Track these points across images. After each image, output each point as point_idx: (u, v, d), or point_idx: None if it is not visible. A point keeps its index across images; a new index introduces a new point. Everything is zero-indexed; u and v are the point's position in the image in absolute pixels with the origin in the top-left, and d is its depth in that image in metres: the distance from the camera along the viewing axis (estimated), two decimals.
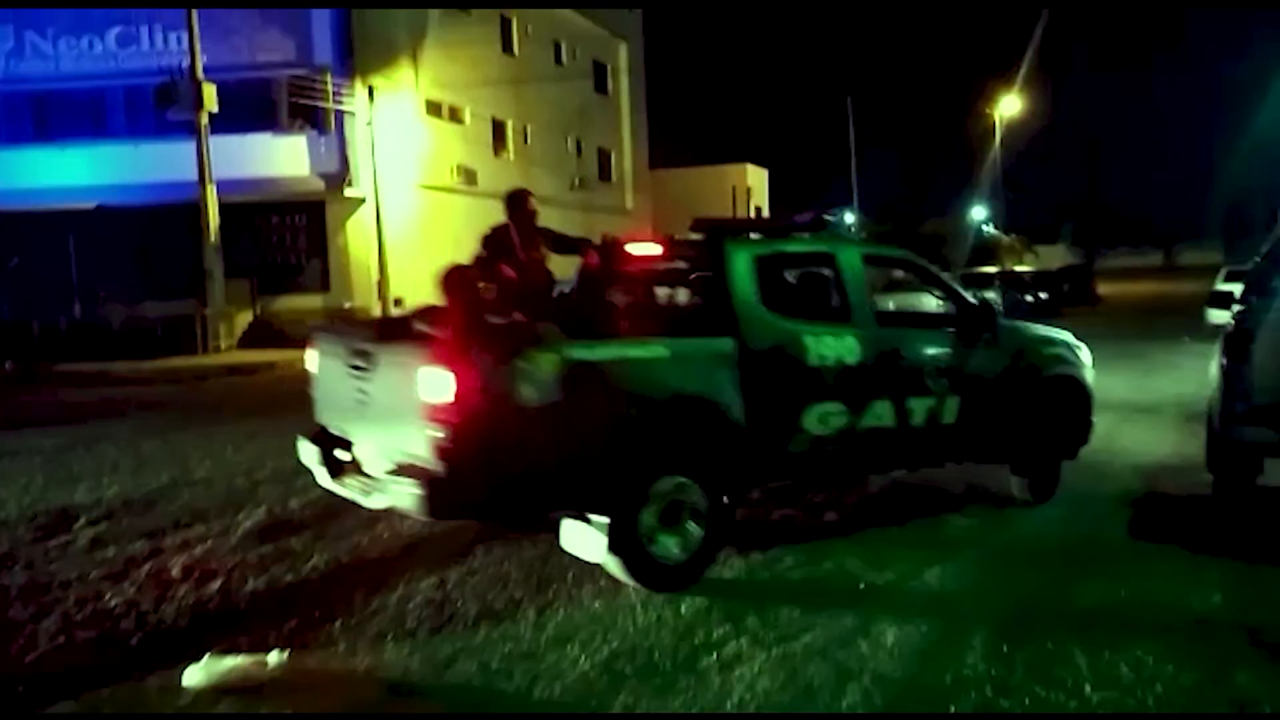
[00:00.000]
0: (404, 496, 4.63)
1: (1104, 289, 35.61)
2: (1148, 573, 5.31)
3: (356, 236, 24.82)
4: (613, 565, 4.88)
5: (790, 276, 6.27)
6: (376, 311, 24.28)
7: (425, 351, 4.59)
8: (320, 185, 24.24)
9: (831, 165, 42.38)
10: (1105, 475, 7.40)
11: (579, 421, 4.73)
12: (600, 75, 36.92)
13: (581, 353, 4.78)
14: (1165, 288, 38.18)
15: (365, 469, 5.24)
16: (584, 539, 4.78)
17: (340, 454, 5.44)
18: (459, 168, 27.71)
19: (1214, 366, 6.71)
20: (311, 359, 5.79)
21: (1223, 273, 22.03)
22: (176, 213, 22.32)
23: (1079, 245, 60.29)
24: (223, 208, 22.17)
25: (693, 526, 5.05)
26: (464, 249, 22.80)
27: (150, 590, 5.04)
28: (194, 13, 21.03)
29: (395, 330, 5.39)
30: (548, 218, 26.58)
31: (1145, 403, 10.90)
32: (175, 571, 5.34)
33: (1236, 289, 8.09)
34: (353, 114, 24.14)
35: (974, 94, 45.38)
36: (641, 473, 4.94)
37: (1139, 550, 5.79)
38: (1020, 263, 39.59)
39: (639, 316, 5.52)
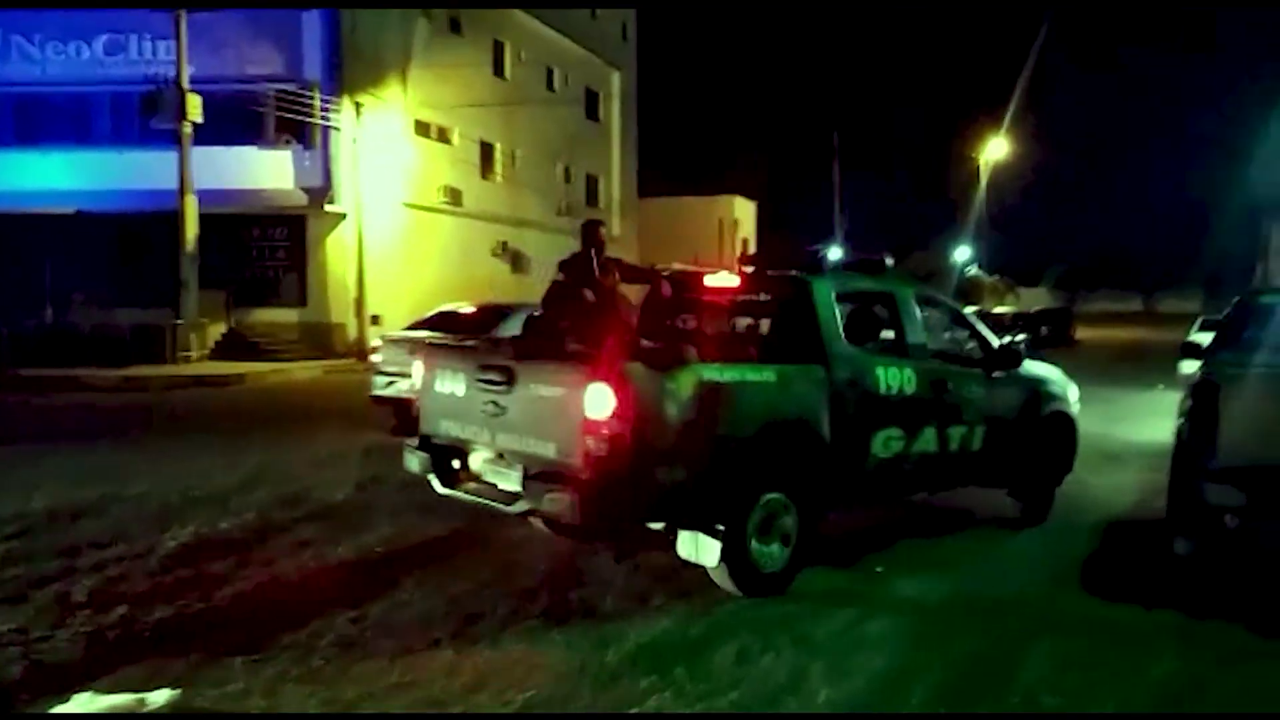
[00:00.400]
0: (553, 502, 5.02)
1: (1083, 333, 35.65)
2: (1101, 632, 5.10)
3: (336, 252, 24.60)
4: (720, 573, 5.31)
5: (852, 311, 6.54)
6: (353, 328, 24.08)
7: (586, 368, 4.99)
8: (303, 199, 24.04)
9: (817, 199, 42.38)
10: (1065, 530, 7.22)
11: (708, 437, 5.17)
12: (592, 102, 36.91)
13: (713, 374, 5.26)
14: (1143, 334, 38.26)
15: (484, 477, 5.68)
16: (701, 547, 5.21)
17: (455, 463, 5.84)
18: (445, 188, 27.57)
19: (1178, 421, 6.53)
20: (422, 373, 6.14)
21: (1197, 322, 22.04)
22: (156, 221, 22.10)
23: (1062, 289, 60.53)
24: (203, 218, 21.94)
25: (785, 541, 5.51)
26: (448, 268, 22.71)
27: (47, 615, 4.78)
28: (183, 22, 20.92)
29: (530, 349, 5.78)
30: (532, 240, 26.30)
31: (1111, 449, 10.70)
32: (80, 595, 5.08)
33: (1205, 338, 7.97)
34: (339, 130, 24.00)
35: (962, 131, 45.54)
36: (752, 487, 5.39)
37: (1094, 612, 5.56)
38: (1002, 303, 39.71)
39: (728, 344, 6.13)
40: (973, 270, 46.50)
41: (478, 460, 5.74)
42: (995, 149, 43.47)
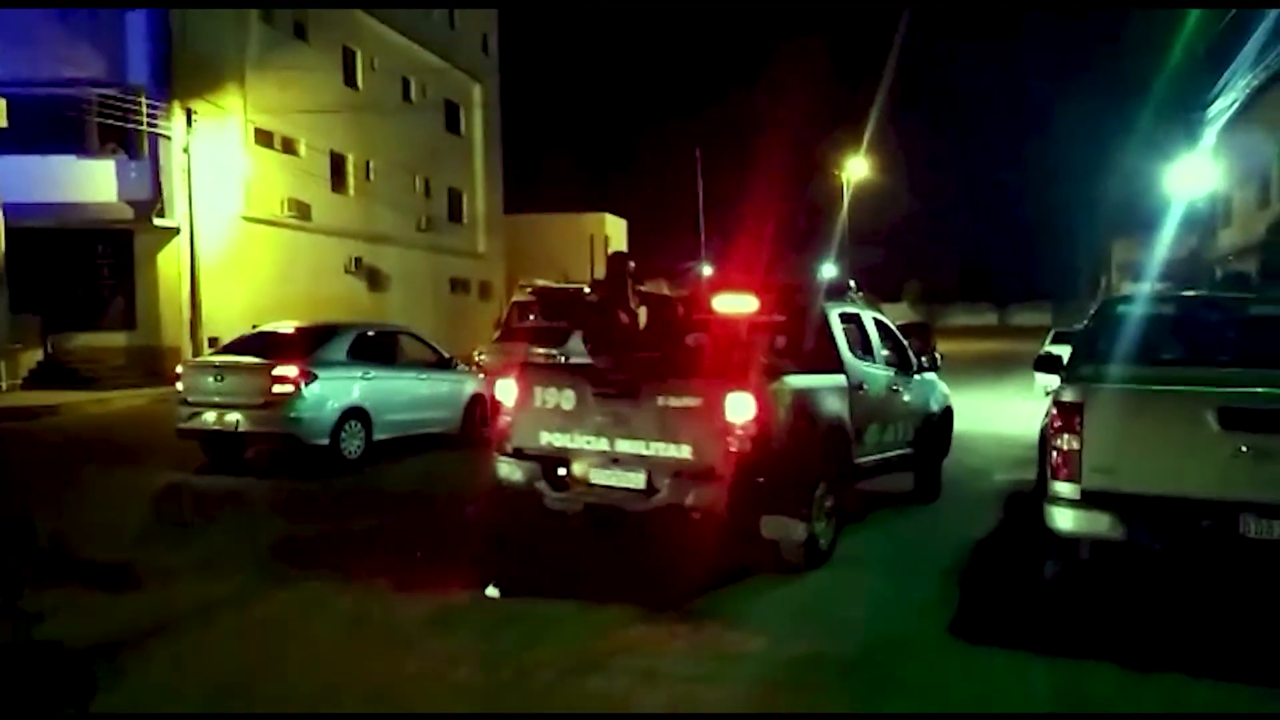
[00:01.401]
0: (700, 496, 5.92)
1: (943, 346, 36.31)
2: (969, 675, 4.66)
3: (168, 270, 22.74)
4: (791, 550, 6.26)
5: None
6: (188, 352, 22.27)
7: (726, 381, 5.97)
8: (129, 213, 22.14)
9: (684, 215, 42.24)
10: (920, 556, 7.11)
11: (801, 436, 6.32)
12: (453, 115, 35.76)
13: (798, 382, 6.46)
14: (999, 346, 39.44)
15: (592, 480, 6.39)
16: (790, 529, 6.16)
17: (560, 470, 6.49)
18: (291, 200, 25.99)
19: (1041, 442, 6.10)
20: (514, 390, 6.66)
21: (1050, 334, 22.52)
22: None
23: (922, 303, 62.36)
24: (13, 234, 19.97)
25: (829, 520, 6.65)
26: (296, 286, 20.91)
27: None
28: None
29: (648, 366, 6.75)
30: (390, 256, 24.71)
31: (974, 466, 10.74)
32: None
33: (1064, 351, 7.64)
34: (169, 138, 22.24)
35: (823, 149, 46.16)
36: (818, 476, 6.52)
37: (961, 656, 5.08)
38: None
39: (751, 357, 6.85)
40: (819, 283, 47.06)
41: (582, 467, 6.43)
42: (857, 167, 44.30)
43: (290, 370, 9.68)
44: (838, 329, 7.41)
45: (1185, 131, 22.96)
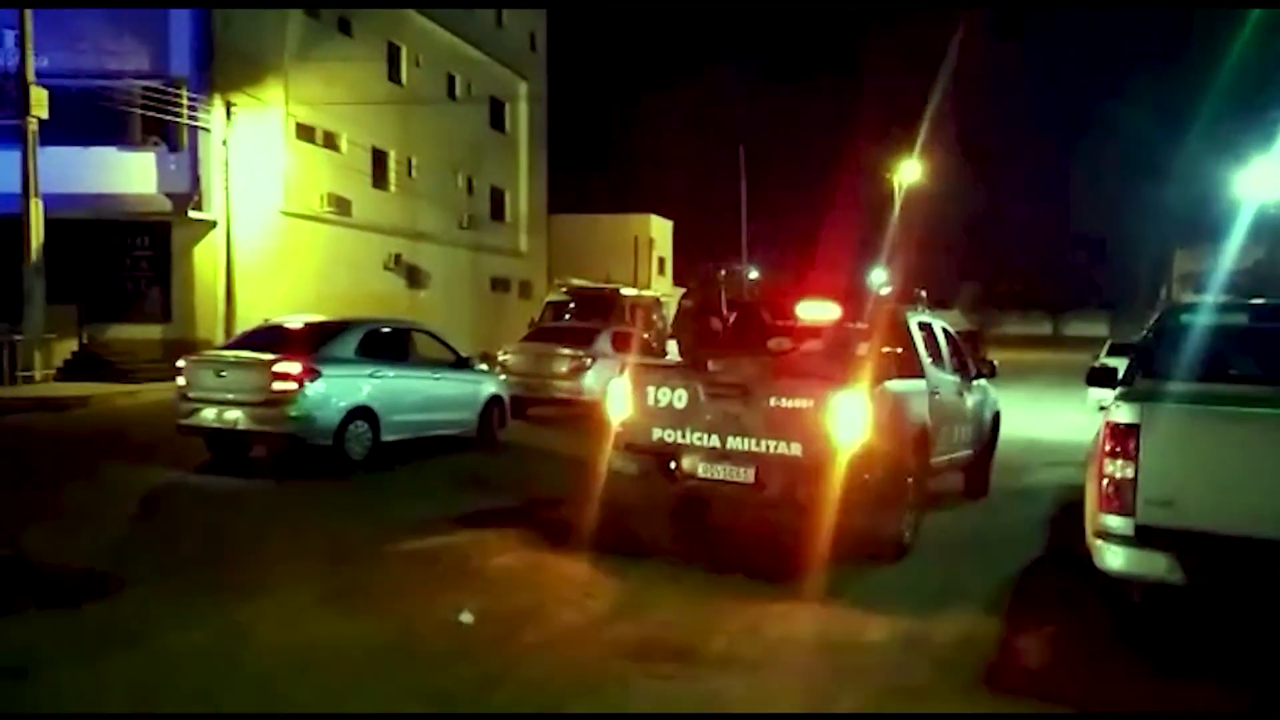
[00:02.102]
0: (807, 490, 6.39)
1: (993, 356, 35.13)
2: None
3: (205, 263, 22.68)
4: (889, 545, 6.91)
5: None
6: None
7: (835, 384, 6.48)
8: (167, 205, 22.10)
9: (730, 217, 41.47)
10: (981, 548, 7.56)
11: (897, 437, 6.91)
12: (497, 112, 35.46)
13: (896, 387, 7.13)
14: (1053, 356, 38.12)
15: (700, 474, 6.82)
16: (886, 523, 6.80)
17: (671, 464, 6.93)
18: (331, 196, 25.81)
19: (1090, 467, 5.38)
20: (628, 390, 7.10)
21: (1106, 346, 21.49)
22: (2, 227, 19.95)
23: (974, 311, 60.75)
24: (53, 224, 19.92)
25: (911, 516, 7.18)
26: (334, 282, 20.66)
27: None
28: (27, 11, 18.94)
29: (760, 369, 7.40)
30: (430, 254, 24.54)
31: (1024, 487, 10.48)
32: None
33: (1120, 364, 6.91)
34: (208, 131, 22.16)
35: (876, 151, 45.05)
36: (907, 476, 7.04)
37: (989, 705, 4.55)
38: None
39: (830, 362, 7.41)
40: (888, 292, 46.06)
41: (692, 462, 6.83)
42: (909, 170, 43.18)
43: (293, 367, 9.26)
44: (918, 336, 8.02)
45: (1260, 131, 21.74)
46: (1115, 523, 4.74)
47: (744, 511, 7.57)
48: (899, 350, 7.68)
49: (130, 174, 22.12)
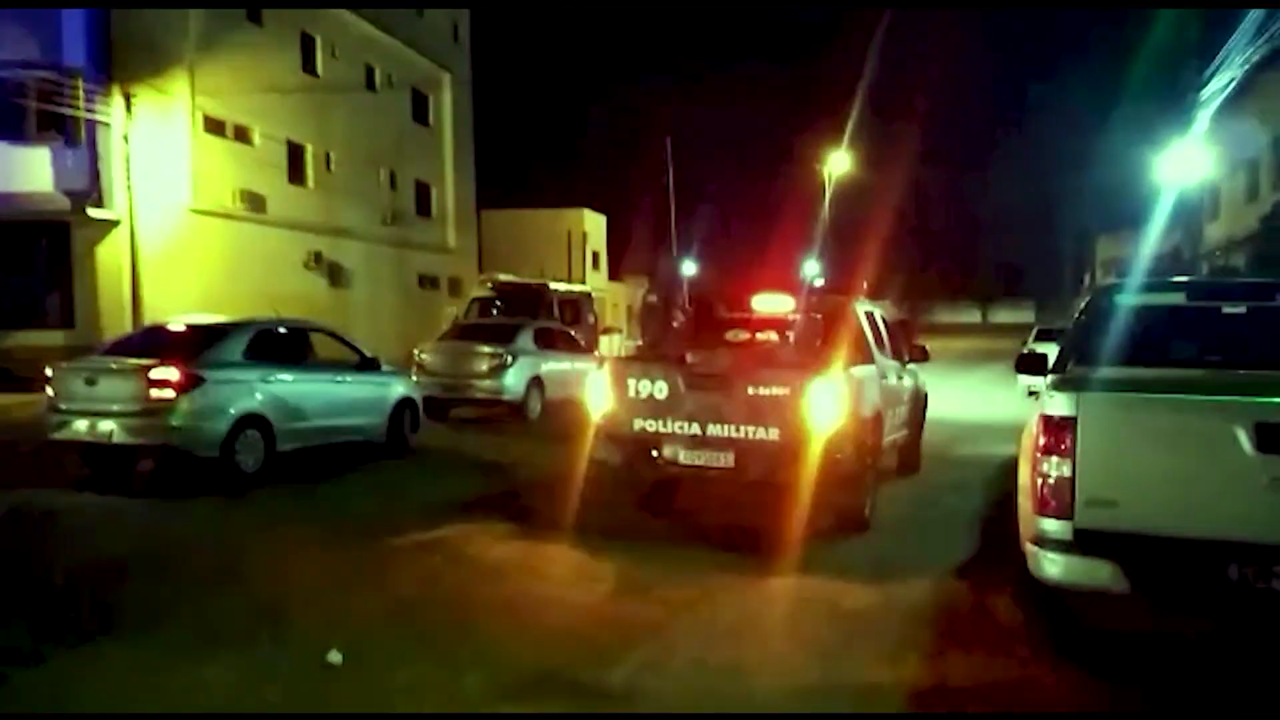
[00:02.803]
0: (784, 472, 6.87)
1: (927, 344, 35.23)
2: None
3: (109, 264, 21.50)
4: (857, 519, 7.47)
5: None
6: None
7: (809, 372, 6.99)
8: (66, 204, 20.88)
9: (663, 211, 40.92)
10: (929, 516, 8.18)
11: (861, 419, 7.43)
12: (420, 105, 34.48)
13: (859, 373, 7.64)
14: (983, 344, 38.48)
15: (681, 460, 7.23)
16: (856, 499, 7.41)
17: (654, 452, 7.30)
18: (243, 192, 24.74)
19: (1022, 464, 4.91)
20: (609, 382, 7.47)
21: (1034, 332, 21.48)
22: None
23: (904, 300, 61.16)
24: None
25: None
26: (249, 281, 19.66)
27: None
28: None
29: (734, 361, 7.65)
30: (352, 251, 23.93)
31: (952, 460, 11.00)
32: None
33: (1049, 350, 6.52)
34: (108, 125, 20.97)
35: (804, 143, 44.91)
36: (870, 454, 7.73)
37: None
38: None
39: (786, 351, 7.97)
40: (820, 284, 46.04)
41: (673, 449, 7.22)
42: (838, 162, 43.13)
43: (171, 373, 8.45)
44: (866, 326, 8.58)
45: (1178, 115, 21.88)
46: (1052, 527, 4.30)
47: (712, 494, 8.23)
48: (849, 338, 8.10)
49: (24, 171, 20.82)
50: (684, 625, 5.31)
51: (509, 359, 14.19)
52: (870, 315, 8.97)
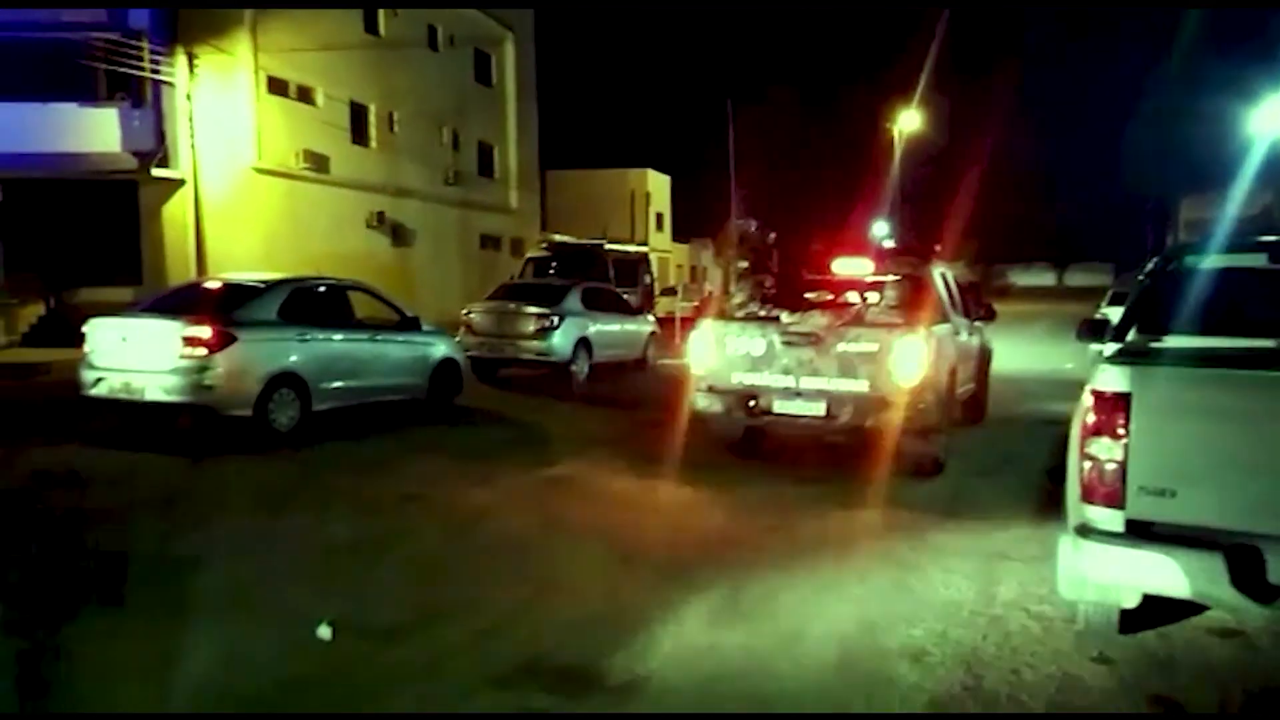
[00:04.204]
0: (879, 419, 7.63)
1: (997, 307, 34.11)
2: None
3: (174, 222, 21.84)
4: (933, 463, 8.10)
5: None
6: None
7: (899, 329, 7.87)
8: (132, 163, 21.23)
9: (725, 170, 40.11)
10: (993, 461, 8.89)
11: (940, 372, 8.12)
12: (483, 65, 34.23)
13: (939, 330, 8.31)
14: (1056, 307, 37.07)
15: (775, 409, 8.03)
16: (933, 445, 8.01)
17: (751, 402, 8.11)
18: (307, 152, 24.83)
19: (1071, 443, 4.41)
20: (709, 339, 8.35)
21: (1107, 295, 20.50)
22: None
23: (977, 263, 59.36)
24: (13, 185, 19.12)
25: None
26: (313, 241, 19.82)
27: None
28: None
29: (828, 319, 8.26)
30: (415, 211, 24.08)
31: (1015, 431, 10.53)
32: None
33: (1118, 315, 6.00)
34: (173, 85, 21.18)
35: (868, 105, 43.49)
36: (946, 404, 8.46)
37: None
38: None
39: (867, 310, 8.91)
40: (889, 244, 44.86)
41: (767, 399, 8.03)
42: (909, 120, 41.79)
43: (203, 331, 8.41)
44: (941, 286, 9.07)
45: (1270, 66, 20.48)
46: (1101, 516, 3.84)
47: (795, 442, 9.11)
48: (927, 298, 8.67)
49: (93, 132, 21.23)
50: (779, 540, 6.22)
51: (555, 320, 13.95)
52: (944, 276, 9.58)
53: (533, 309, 14.10)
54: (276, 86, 24.23)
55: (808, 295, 9.36)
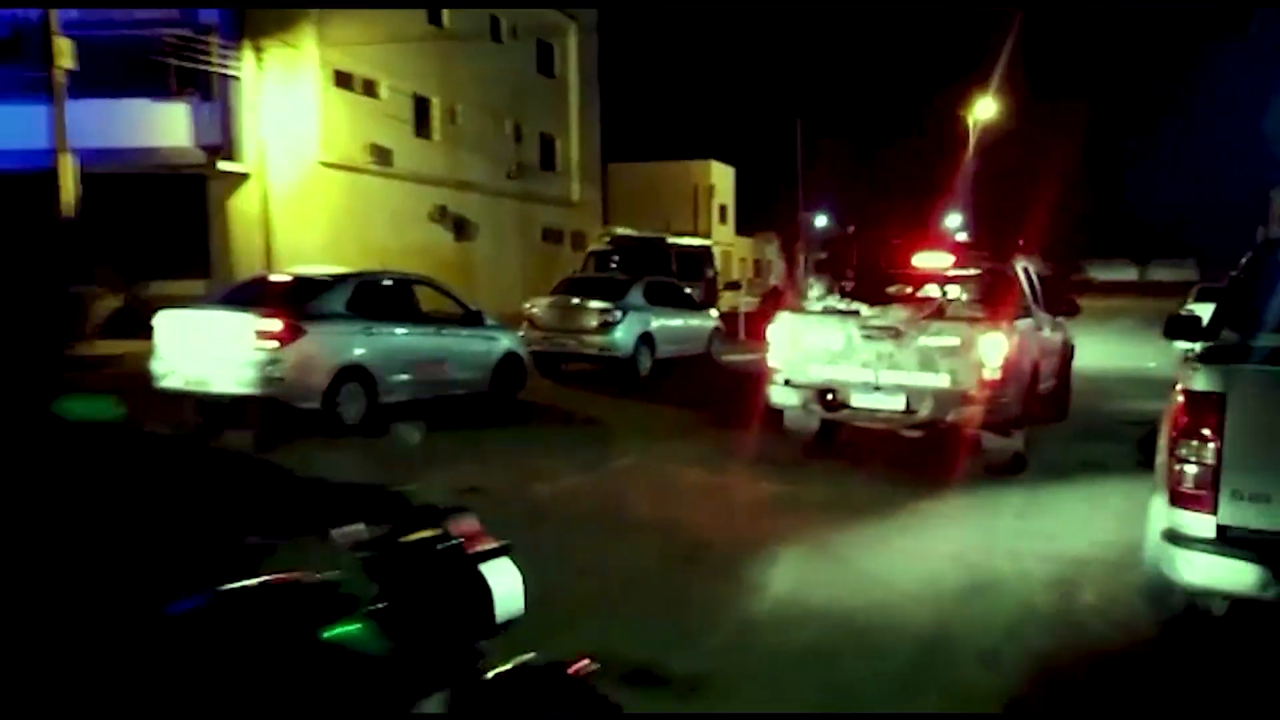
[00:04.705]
0: (960, 413, 7.54)
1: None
2: None
3: (242, 215, 22.23)
4: (1013, 460, 7.91)
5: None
6: None
7: (981, 325, 7.82)
8: (201, 157, 21.64)
9: (793, 162, 39.68)
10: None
11: (1022, 367, 8.01)
12: (545, 56, 34.28)
13: (1022, 325, 8.20)
14: (1139, 304, 36.08)
15: (853, 403, 7.96)
16: (1014, 442, 7.85)
17: (829, 396, 8.01)
18: (370, 145, 25.10)
19: (1160, 445, 4.23)
20: (786, 334, 8.24)
21: (1194, 291, 19.82)
22: (34, 183, 19.67)
23: (1057, 256, 57.97)
24: (90, 179, 19.55)
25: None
26: (376, 234, 20.04)
27: None
28: None
29: (908, 314, 8.29)
30: (476, 205, 24.17)
31: (1098, 430, 10.25)
32: None
33: (1208, 312, 5.71)
34: (239, 80, 21.54)
35: (939, 96, 42.66)
36: (1028, 400, 8.25)
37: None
38: None
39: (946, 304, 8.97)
40: (963, 238, 43.90)
41: (845, 393, 7.92)
42: (984, 109, 40.85)
43: (273, 324, 8.48)
44: (1023, 281, 8.98)
45: None
46: (1191, 521, 3.66)
47: (870, 439, 8.74)
48: (1009, 293, 8.65)
49: (164, 126, 21.67)
50: (848, 538, 6.22)
51: (618, 315, 13.88)
52: (1026, 270, 9.43)
53: (595, 304, 14.05)
54: (341, 80, 24.51)
55: (888, 289, 9.27)
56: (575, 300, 14.43)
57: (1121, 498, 6.96)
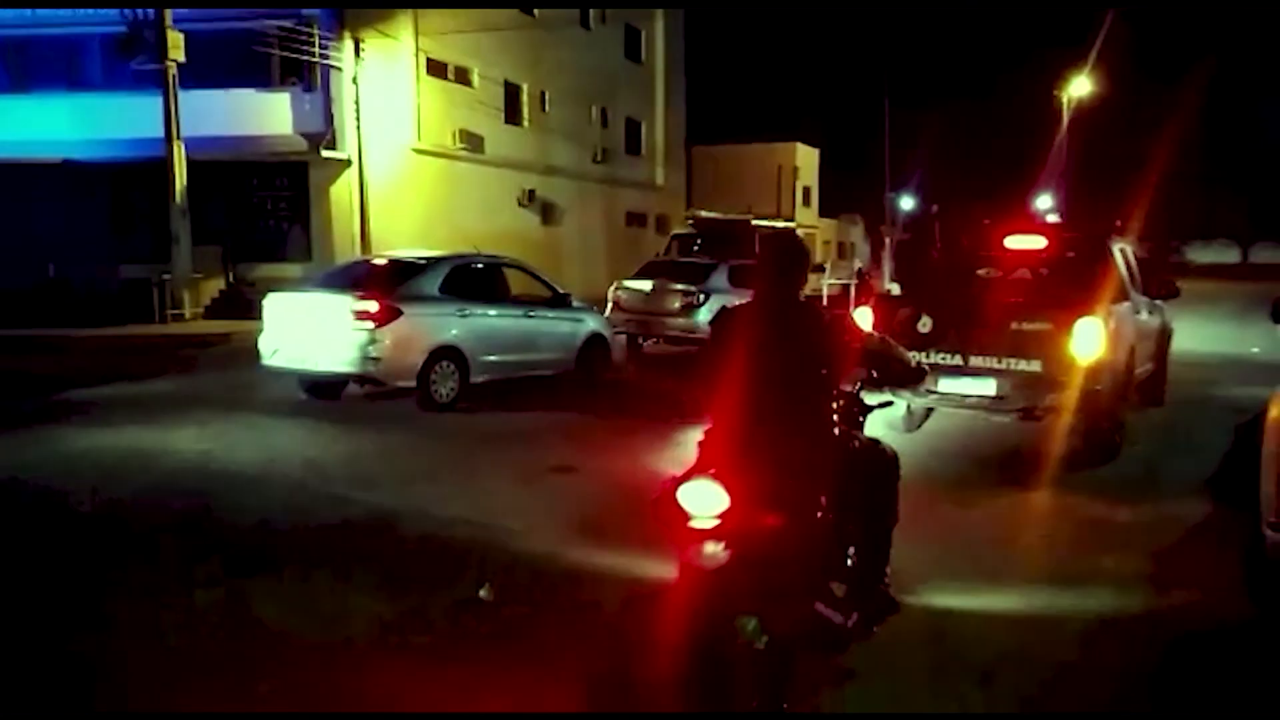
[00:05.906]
0: (1053, 400, 7.32)
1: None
2: None
3: (341, 201, 23.01)
4: (1106, 446, 7.68)
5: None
6: None
7: (1074, 311, 7.32)
8: (303, 145, 22.47)
9: (879, 141, 39.03)
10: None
11: (1117, 353, 7.73)
12: (633, 41, 34.45)
13: (1118, 310, 7.90)
14: (1242, 287, 34.62)
15: (940, 389, 7.67)
16: (1109, 428, 7.73)
17: None
18: (463, 132, 25.67)
19: (1268, 434, 4.13)
20: (873, 316, 7.75)
21: None
22: (148, 171, 20.78)
23: (1154, 238, 55.84)
24: (198, 167, 20.60)
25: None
26: (467, 219, 20.73)
27: None
28: None
29: (1010, 297, 8.02)
30: (563, 189, 24.58)
31: (1198, 417, 9.94)
32: None
33: None
34: (340, 69, 22.27)
35: (1032, 75, 41.41)
36: (1124, 386, 8.09)
37: None
38: None
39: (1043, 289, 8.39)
40: (1053, 219, 42.69)
41: (933, 378, 7.34)
42: (1079, 86, 39.61)
43: (370, 305, 8.92)
44: (1121, 263, 8.65)
45: None
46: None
47: (959, 422, 8.64)
48: (1106, 276, 8.27)
49: (268, 115, 22.56)
50: (930, 526, 5.80)
51: (701, 297, 14.05)
52: (1123, 252, 9.14)
53: (679, 286, 14.24)
54: (435, 68, 25.10)
55: (979, 271, 8.92)
56: (660, 283, 14.64)
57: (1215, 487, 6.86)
